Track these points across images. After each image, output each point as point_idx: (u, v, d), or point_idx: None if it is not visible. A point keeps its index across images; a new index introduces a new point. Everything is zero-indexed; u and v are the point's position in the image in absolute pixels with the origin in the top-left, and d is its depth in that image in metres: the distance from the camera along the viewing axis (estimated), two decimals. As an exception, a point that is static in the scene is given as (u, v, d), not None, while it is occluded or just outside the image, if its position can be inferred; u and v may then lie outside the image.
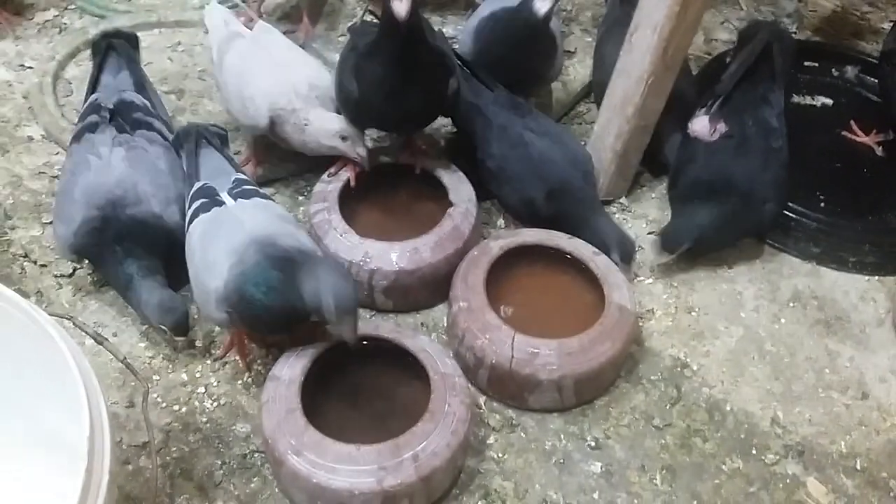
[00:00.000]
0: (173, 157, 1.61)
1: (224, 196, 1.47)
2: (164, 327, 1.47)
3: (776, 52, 1.81)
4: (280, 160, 1.83)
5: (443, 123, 1.95)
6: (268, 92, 1.65)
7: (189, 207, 1.49)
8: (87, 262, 1.60)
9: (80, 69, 2.03)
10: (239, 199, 1.46)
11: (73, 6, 2.18)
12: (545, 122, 1.77)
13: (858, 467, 1.47)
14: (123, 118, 1.61)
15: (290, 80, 1.65)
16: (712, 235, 1.70)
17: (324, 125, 1.63)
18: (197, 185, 1.51)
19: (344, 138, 1.63)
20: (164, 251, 1.52)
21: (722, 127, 1.73)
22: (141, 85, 1.71)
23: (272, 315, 1.33)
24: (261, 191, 1.52)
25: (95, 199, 1.48)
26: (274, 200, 1.54)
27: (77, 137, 1.60)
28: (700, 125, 1.75)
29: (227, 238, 1.37)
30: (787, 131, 1.75)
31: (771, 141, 1.72)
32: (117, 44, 1.74)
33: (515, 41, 1.75)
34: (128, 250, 1.47)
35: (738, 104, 1.76)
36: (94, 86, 1.70)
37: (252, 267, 1.32)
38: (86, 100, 1.68)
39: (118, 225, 1.47)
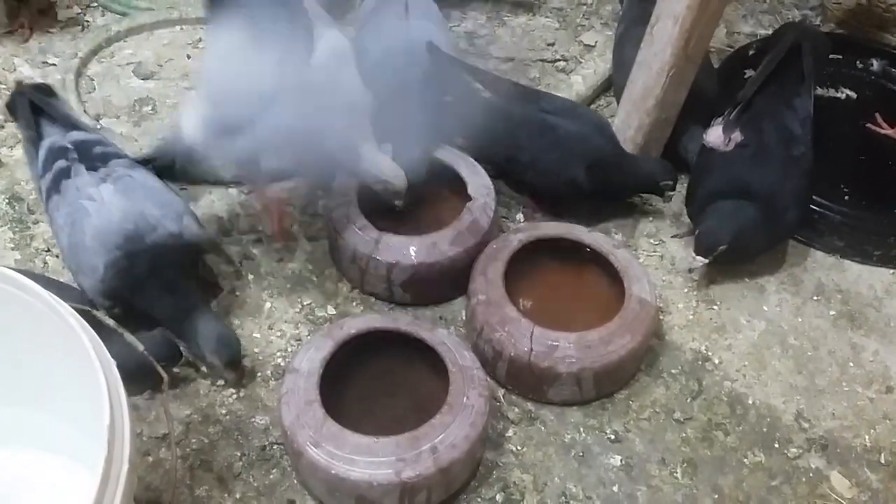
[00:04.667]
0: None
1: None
2: (217, 362, 1.45)
3: (806, 52, 1.75)
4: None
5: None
6: None
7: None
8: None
9: (103, 66, 2.05)
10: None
11: (95, 4, 2.19)
12: (556, 100, 1.80)
13: (882, 461, 1.46)
14: (88, 157, 1.52)
15: None
16: (747, 239, 1.63)
17: (371, 168, 1.59)
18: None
19: (386, 188, 1.60)
20: (191, 265, 1.52)
21: (737, 136, 1.68)
22: (73, 123, 1.62)
23: None
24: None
25: (111, 240, 1.42)
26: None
27: (55, 188, 1.50)
28: (714, 135, 1.70)
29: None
30: (814, 133, 1.70)
31: (791, 149, 1.66)
32: (37, 99, 1.62)
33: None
34: (163, 280, 1.44)
35: (759, 110, 1.71)
36: (35, 132, 1.58)
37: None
38: (33, 153, 1.57)
39: (144, 257, 1.42)
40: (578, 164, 1.67)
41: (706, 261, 1.63)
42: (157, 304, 1.45)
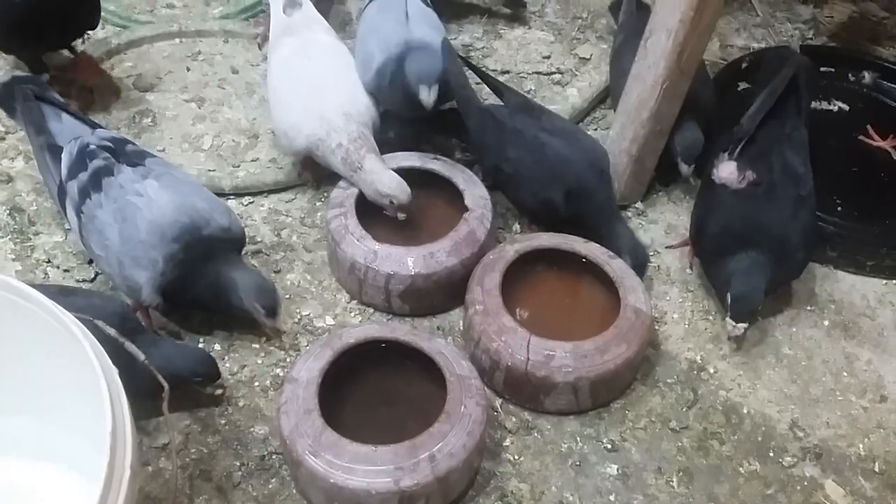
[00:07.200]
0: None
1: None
2: (258, 309, 1.49)
3: (802, 85, 1.72)
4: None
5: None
6: (300, 126, 1.70)
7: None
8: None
9: (103, 78, 2.06)
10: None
11: (95, 17, 2.21)
12: (560, 122, 1.79)
13: (877, 469, 1.47)
14: (125, 154, 1.55)
15: (322, 113, 1.68)
16: (769, 290, 1.59)
17: (376, 182, 1.63)
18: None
19: (391, 202, 1.64)
20: (238, 257, 1.56)
21: (751, 175, 1.63)
22: (91, 122, 1.66)
23: None
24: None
25: (169, 233, 1.44)
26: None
27: (94, 187, 1.50)
28: (727, 171, 1.64)
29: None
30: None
31: (799, 188, 1.63)
32: (35, 91, 1.65)
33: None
34: (212, 270, 1.48)
35: (763, 145, 1.67)
36: (47, 136, 1.60)
37: None
38: (45, 151, 1.58)
39: (199, 249, 1.46)
40: (558, 188, 1.66)
41: (747, 326, 1.58)
42: (200, 287, 1.48)
